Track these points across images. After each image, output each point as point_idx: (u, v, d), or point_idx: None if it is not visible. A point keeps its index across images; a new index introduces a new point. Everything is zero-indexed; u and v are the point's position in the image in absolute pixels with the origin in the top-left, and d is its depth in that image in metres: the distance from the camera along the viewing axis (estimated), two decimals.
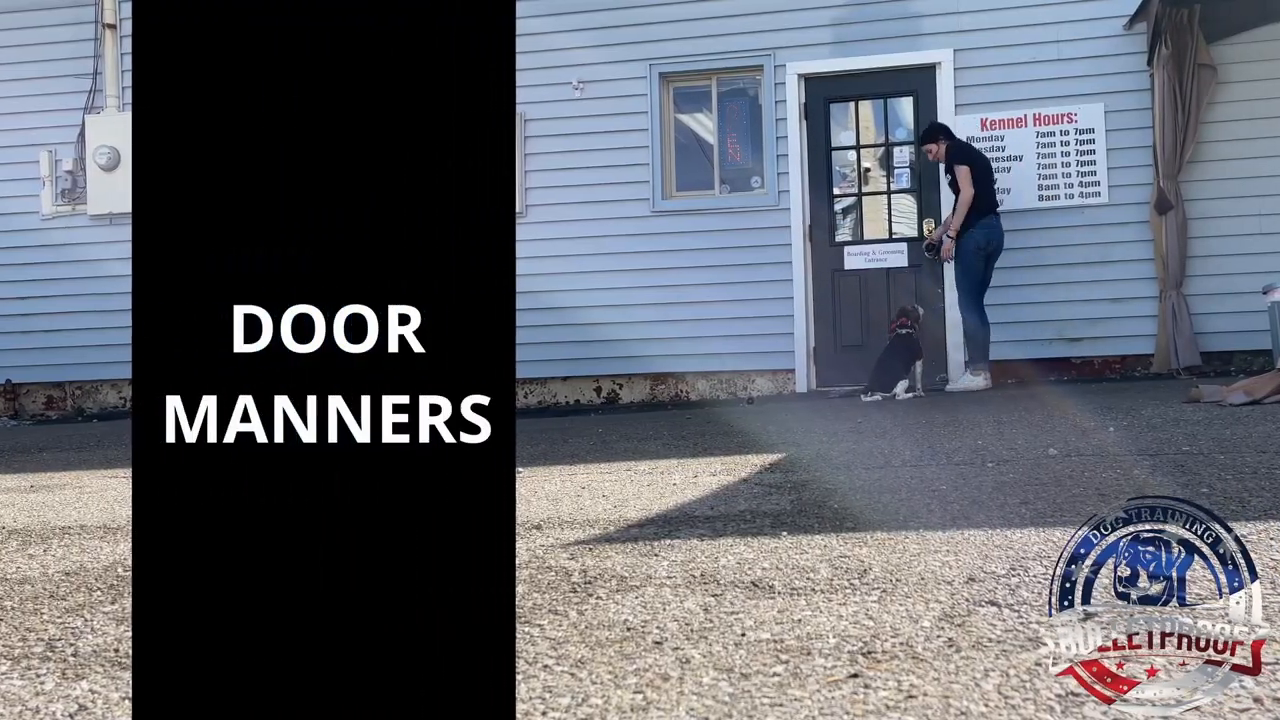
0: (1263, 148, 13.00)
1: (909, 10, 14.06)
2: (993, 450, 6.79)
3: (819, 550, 3.93)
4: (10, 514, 5.86)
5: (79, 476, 7.62)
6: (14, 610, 3.48)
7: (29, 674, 2.76)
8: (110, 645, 2.98)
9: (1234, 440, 6.49)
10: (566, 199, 14.74)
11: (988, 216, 12.76)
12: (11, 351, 15.56)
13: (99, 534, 4.99)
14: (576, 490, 6.13)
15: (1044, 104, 13.67)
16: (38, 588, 3.82)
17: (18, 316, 15.58)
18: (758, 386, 14.40)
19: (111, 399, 15.57)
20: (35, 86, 15.63)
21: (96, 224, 15.26)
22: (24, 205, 15.58)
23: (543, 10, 14.52)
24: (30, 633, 3.18)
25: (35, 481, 7.46)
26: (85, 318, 15.18)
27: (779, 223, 13.77)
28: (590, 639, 2.90)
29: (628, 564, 3.88)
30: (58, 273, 15.35)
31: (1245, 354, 13.05)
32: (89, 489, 6.81)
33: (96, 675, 2.71)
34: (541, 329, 13.92)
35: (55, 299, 15.42)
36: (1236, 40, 13.29)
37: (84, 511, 5.78)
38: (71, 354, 15.41)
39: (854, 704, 2.30)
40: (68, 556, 4.42)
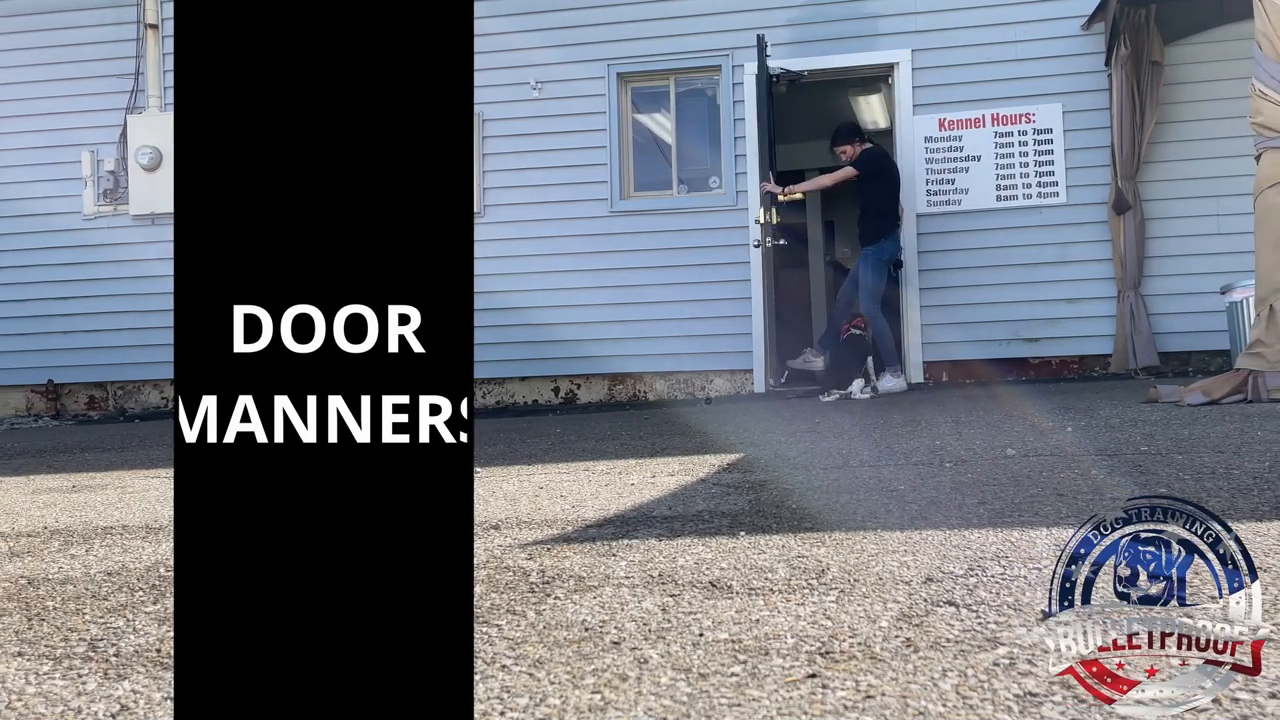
0: (1221, 148, 13.07)
1: (867, 11, 14.11)
2: (951, 450, 6.80)
3: (777, 550, 3.94)
4: (52, 514, 5.84)
5: (121, 476, 7.60)
6: (56, 610, 3.47)
7: (71, 674, 2.74)
8: (152, 645, 2.97)
9: (1192, 440, 6.52)
10: (524, 199, 14.77)
11: (897, 231, 13.01)
12: (54, 351, 15.63)
13: (141, 534, 4.96)
14: (534, 490, 6.12)
15: (1002, 104, 13.73)
16: (79, 588, 3.80)
17: (60, 316, 15.63)
18: (716, 387, 14.42)
19: (153, 399, 15.59)
20: (77, 87, 15.69)
21: (138, 224, 15.34)
22: (66, 205, 15.63)
23: (501, 10, 14.56)
24: (72, 633, 3.16)
25: (77, 481, 7.42)
26: (127, 318, 15.25)
27: (737, 223, 13.78)
28: (548, 639, 2.90)
29: (586, 564, 3.88)
30: (99, 273, 15.42)
31: (1203, 354, 13.13)
32: (131, 489, 6.78)
33: (138, 675, 2.70)
34: (499, 329, 13.96)
35: (97, 299, 15.48)
36: (1194, 40, 13.38)
37: (126, 511, 5.76)
38: (113, 354, 15.47)
39: (812, 704, 2.30)
40: (110, 556, 4.39)
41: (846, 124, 13.55)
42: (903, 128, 14.12)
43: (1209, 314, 12.64)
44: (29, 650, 2.99)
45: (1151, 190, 13.40)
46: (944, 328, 13.76)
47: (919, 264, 13.82)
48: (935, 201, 13.83)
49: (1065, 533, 3.95)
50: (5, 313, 15.74)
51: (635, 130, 15.01)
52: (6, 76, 15.85)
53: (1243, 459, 5.62)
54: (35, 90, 15.75)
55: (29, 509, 6.11)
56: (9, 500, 6.59)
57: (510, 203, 14.80)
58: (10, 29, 15.90)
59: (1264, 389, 8.63)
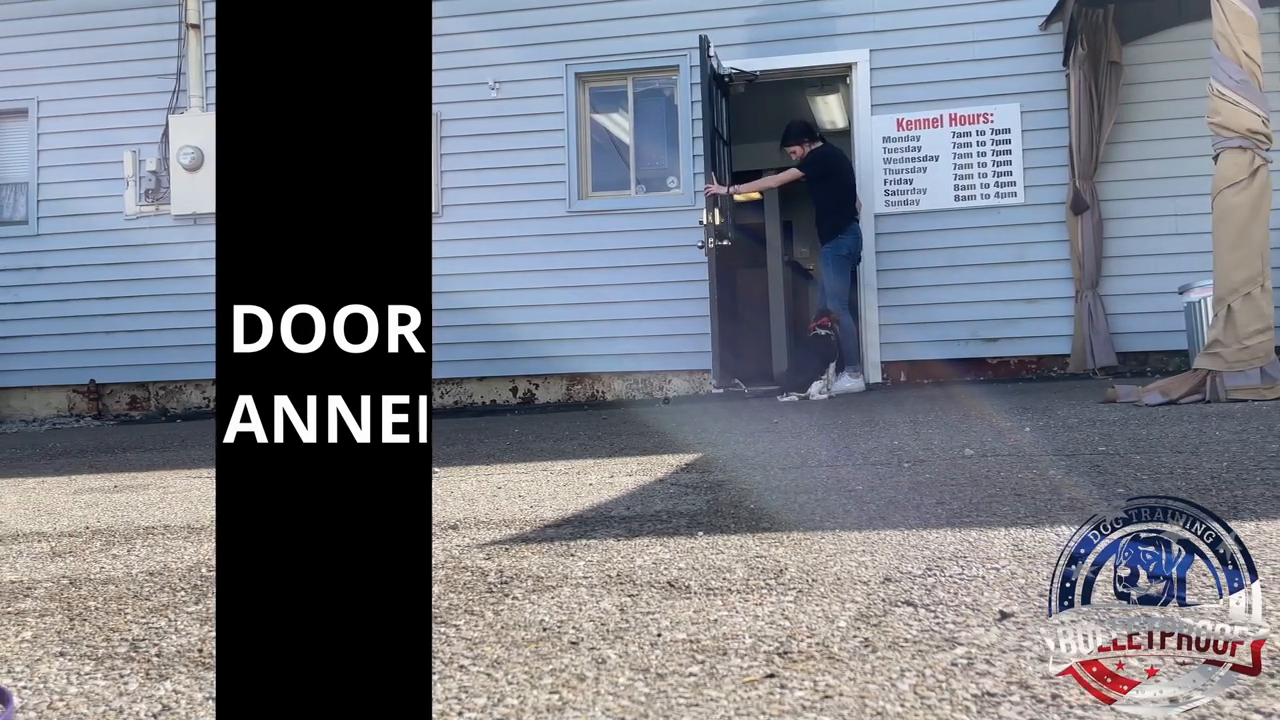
0: (1178, 148, 13.13)
1: (824, 10, 14.14)
2: (909, 450, 6.81)
3: (735, 550, 3.94)
4: (94, 514, 5.81)
5: (162, 476, 7.57)
6: (98, 610, 3.45)
7: (113, 674, 2.73)
8: (194, 645, 2.95)
9: (1150, 440, 6.54)
10: (482, 199, 14.77)
11: (854, 223, 12.97)
12: (96, 352, 15.63)
13: (182, 534, 4.94)
14: (492, 490, 6.12)
15: (960, 104, 13.77)
16: (121, 588, 3.78)
17: (102, 316, 15.63)
18: (674, 386, 14.43)
19: (195, 399, 15.60)
20: (119, 87, 15.70)
21: (180, 224, 15.32)
22: (108, 205, 15.63)
23: (459, 10, 14.55)
24: (114, 633, 3.15)
25: (119, 481, 7.39)
26: (168, 318, 15.27)
27: (694, 223, 13.76)
28: (506, 639, 2.89)
29: (544, 564, 3.87)
30: (141, 273, 15.42)
31: (1161, 354, 13.19)
32: (172, 489, 6.75)
33: (180, 675, 2.69)
34: (457, 329, 13.98)
35: (139, 299, 15.48)
36: (1152, 40, 13.44)
37: (167, 511, 5.73)
38: (155, 354, 15.48)
39: (770, 704, 2.30)
40: (151, 556, 4.37)
41: (797, 123, 13.53)
42: (861, 128, 14.15)
43: (1167, 314, 12.69)
44: (71, 650, 2.98)
45: (1109, 190, 13.45)
46: (902, 328, 13.79)
47: (877, 264, 13.85)
48: (893, 202, 13.86)
49: (1024, 533, 3.96)
50: (48, 313, 15.77)
51: (593, 130, 15.02)
52: (49, 76, 15.90)
53: (1201, 459, 5.64)
54: (78, 90, 15.79)
55: (71, 509, 6.10)
56: (51, 500, 6.58)
57: (468, 203, 14.80)
58: (53, 29, 15.92)
59: (1222, 389, 8.66)
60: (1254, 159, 8.71)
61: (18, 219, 16.14)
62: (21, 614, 3.47)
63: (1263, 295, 8.68)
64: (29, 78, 15.92)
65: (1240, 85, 8.71)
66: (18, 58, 15.97)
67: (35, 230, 15.88)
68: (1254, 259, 8.70)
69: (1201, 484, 4.84)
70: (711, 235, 13.13)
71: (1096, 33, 13.03)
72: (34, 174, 15.92)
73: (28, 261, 15.84)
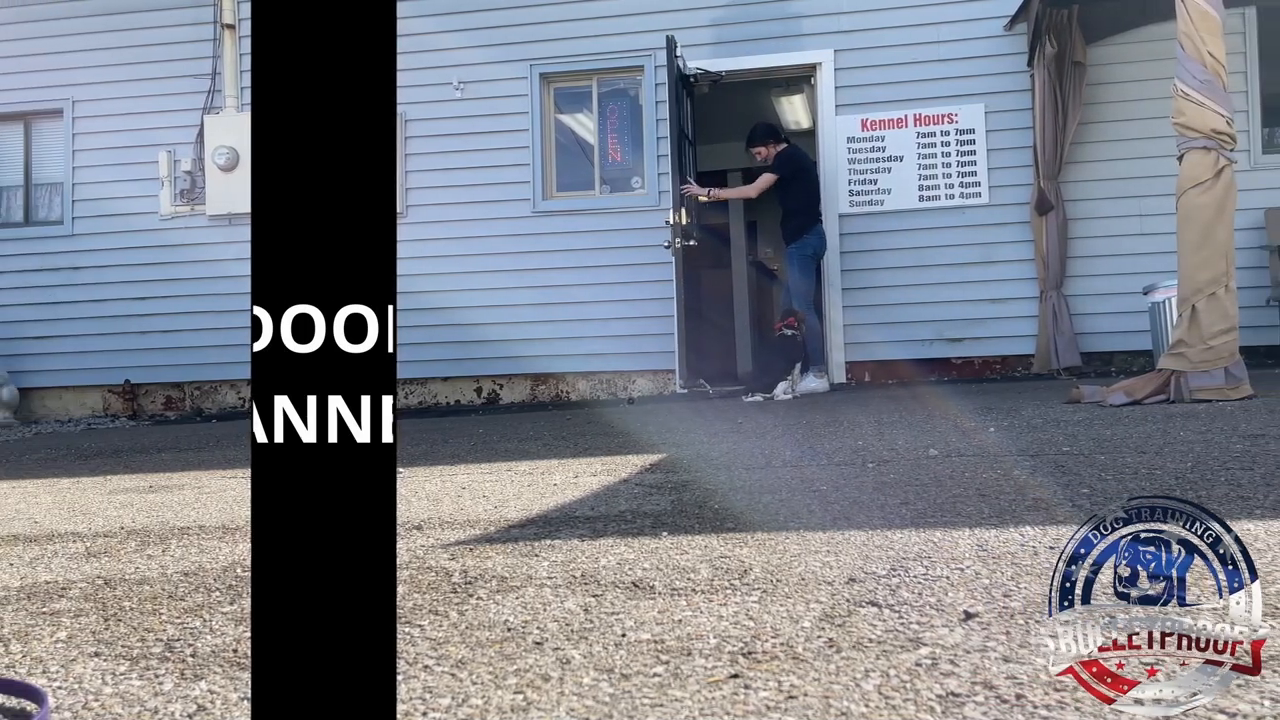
0: (1143, 148, 13.19)
1: (789, 11, 14.16)
2: (873, 450, 6.82)
3: (699, 551, 3.94)
4: (129, 514, 5.78)
5: (197, 477, 7.54)
6: (133, 611, 3.43)
7: (148, 674, 2.71)
8: (229, 646, 2.94)
9: (1114, 441, 6.56)
10: (447, 199, 14.79)
11: (819, 224, 13.03)
12: (131, 352, 15.65)
13: (217, 534, 4.92)
14: (457, 490, 6.11)
15: (925, 104, 13.80)
16: (156, 588, 3.76)
17: (137, 317, 15.64)
18: (638, 387, 14.43)
19: (230, 399, 15.59)
20: (154, 87, 15.70)
21: (215, 224, 15.33)
22: (143, 206, 15.63)
23: (424, 10, 14.56)
24: (149, 633, 3.13)
25: (154, 482, 7.36)
26: (204, 318, 15.29)
27: (659, 223, 13.77)
28: (471, 639, 2.88)
29: (508, 564, 3.87)
30: (176, 273, 15.43)
31: (1126, 354, 13.24)
32: (207, 489, 6.72)
33: (215, 675, 2.67)
34: (422, 329, 14.00)
35: (174, 299, 15.49)
36: (1117, 41, 13.48)
37: (202, 512, 5.71)
38: (190, 354, 15.49)
39: (734, 704, 2.30)
40: (186, 557, 4.35)
41: (762, 124, 13.56)
42: (825, 128, 14.16)
43: (1132, 314, 12.76)
44: (106, 650, 2.97)
45: (1074, 190, 13.49)
46: (867, 328, 13.82)
47: (841, 264, 13.88)
48: (858, 202, 13.89)
49: (988, 533, 3.97)
50: (83, 313, 15.77)
51: (558, 130, 15.02)
52: (85, 77, 15.91)
53: (1165, 459, 5.66)
54: (113, 90, 15.81)
55: (106, 509, 6.08)
56: (86, 500, 6.56)
57: (433, 203, 14.82)
58: (88, 29, 15.93)
59: (1186, 389, 8.69)
60: (1218, 159, 8.74)
61: (53, 219, 16.20)
62: (56, 614, 3.46)
63: (1227, 296, 8.70)
64: (64, 78, 15.95)
65: (1205, 85, 8.74)
66: (53, 58, 16.00)
67: (70, 230, 15.91)
68: (1218, 259, 8.72)
69: (1166, 484, 4.86)
70: (678, 235, 13.13)
71: (1061, 33, 13.06)
72: (69, 174, 15.96)
73: (63, 262, 15.86)
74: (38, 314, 15.78)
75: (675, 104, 13.34)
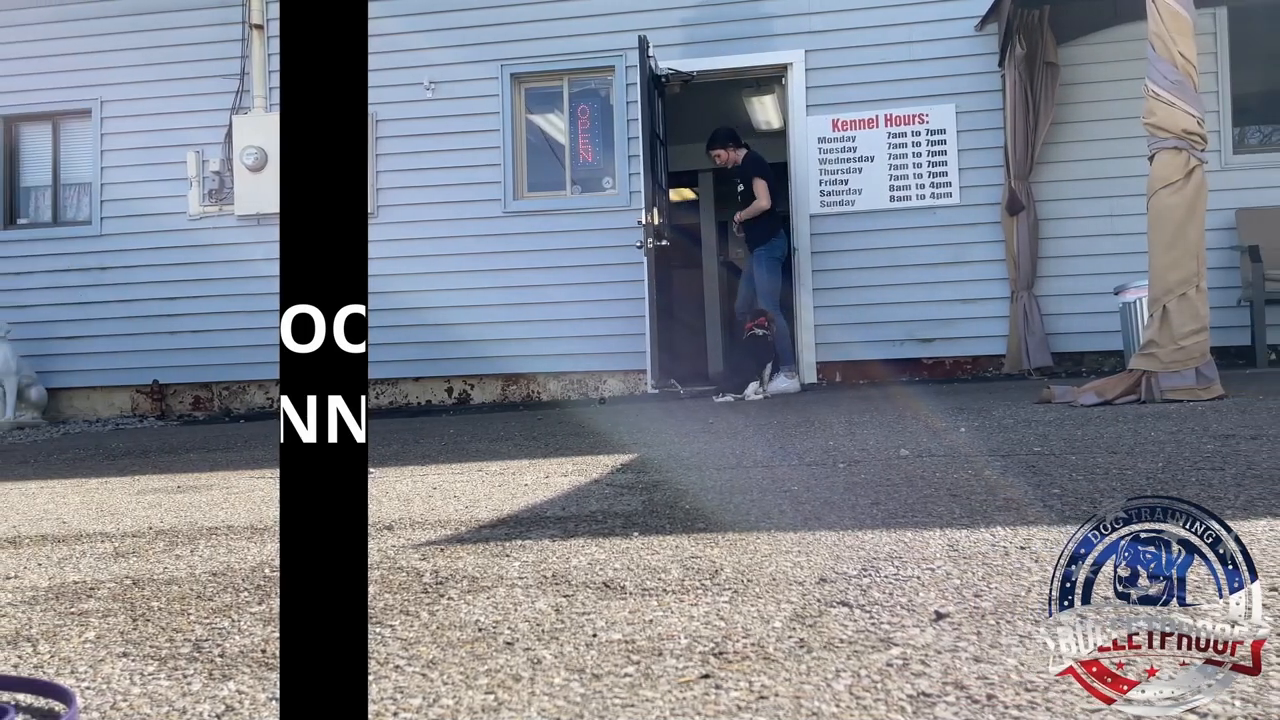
0: (1114, 148, 13.23)
1: (760, 11, 14.18)
2: (845, 451, 6.83)
3: (671, 551, 3.93)
4: (157, 514, 5.77)
5: (226, 477, 7.51)
6: (161, 611, 3.42)
7: (176, 674, 2.70)
8: (257, 646, 2.92)
9: (1085, 441, 6.57)
10: (418, 199, 14.79)
11: (784, 226, 13.25)
12: (159, 352, 15.62)
13: (245, 534, 4.90)
14: (428, 491, 6.10)
15: (896, 104, 13.83)
16: (184, 588, 3.75)
17: (165, 317, 15.61)
18: (609, 387, 14.44)
19: (258, 399, 15.56)
20: (182, 87, 15.67)
21: (243, 224, 15.30)
22: (171, 206, 15.61)
23: (395, 10, 14.57)
24: (177, 633, 3.11)
25: (182, 482, 7.34)
26: (232, 318, 15.27)
27: (630, 223, 13.77)
28: (442, 639, 2.88)
29: (479, 565, 3.87)
30: (205, 273, 15.41)
31: (1096, 354, 13.28)
32: (236, 489, 6.70)
33: (243, 676, 2.66)
34: (393, 329, 14.01)
35: (202, 299, 15.47)
36: (1088, 41, 13.52)
37: (231, 512, 5.69)
38: (218, 354, 15.47)
39: (705, 704, 2.29)
40: (214, 557, 4.33)
41: (723, 129, 13.63)
42: (796, 128, 14.18)
43: (1103, 314, 12.79)
44: (134, 651, 2.96)
45: (1045, 191, 13.53)
46: (838, 328, 13.84)
47: (812, 264, 13.89)
48: (829, 202, 13.90)
49: (959, 533, 3.98)
50: (111, 313, 15.75)
51: (529, 131, 15.03)
52: (113, 77, 15.90)
53: (1136, 459, 5.67)
54: (141, 90, 15.79)
55: (134, 509, 6.06)
56: (114, 501, 6.53)
57: (404, 203, 14.83)
58: (116, 29, 15.91)
59: (1157, 389, 8.71)
60: (1189, 159, 8.76)
61: (81, 219, 16.19)
62: (85, 614, 3.45)
63: (1198, 296, 8.72)
64: (92, 78, 15.94)
65: (1175, 86, 8.76)
66: (81, 58, 16.00)
67: (99, 231, 15.89)
68: (1189, 259, 8.74)
69: (1137, 484, 4.87)
70: (650, 235, 13.13)
71: (1032, 33, 13.10)
72: (97, 174, 15.95)
73: (91, 262, 15.84)
74: (66, 314, 15.80)
75: (647, 104, 13.33)
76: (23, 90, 16.10)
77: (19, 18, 16.12)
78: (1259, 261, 12.44)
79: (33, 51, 16.05)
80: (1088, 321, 13.31)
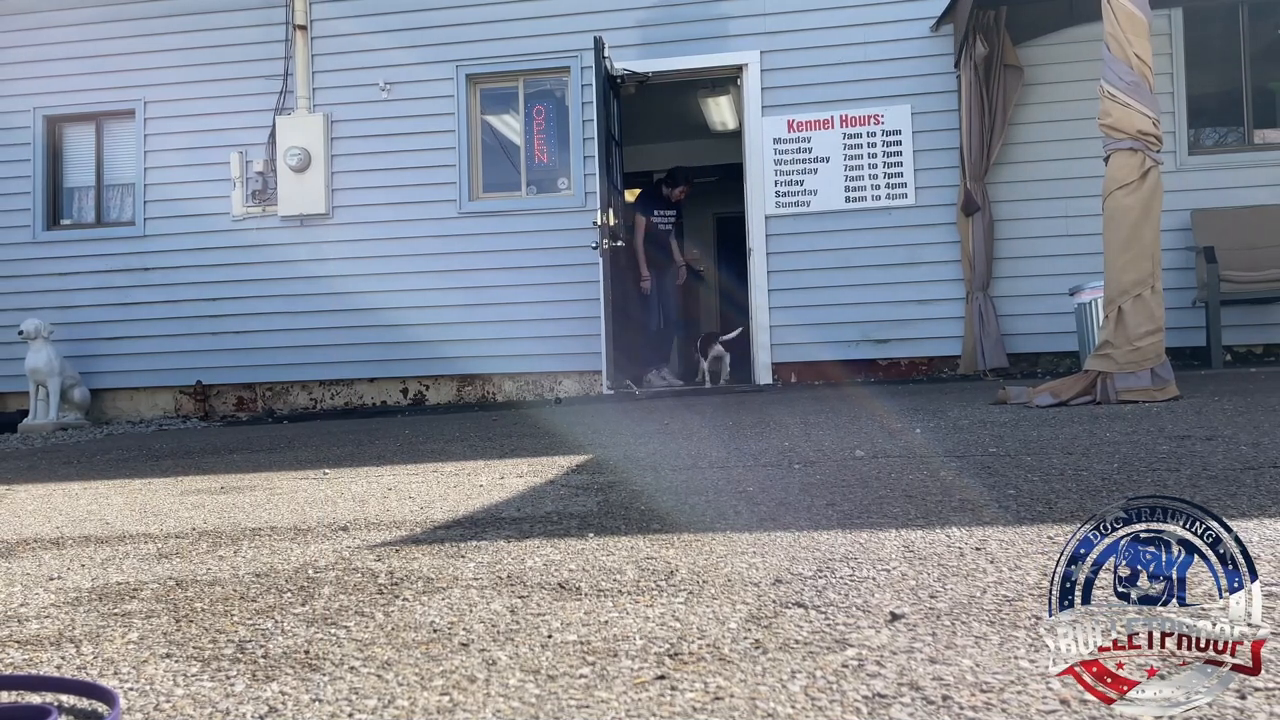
0: (1070, 149, 13.32)
1: (716, 12, 14.22)
2: (800, 451, 6.83)
3: (626, 552, 3.93)
4: (200, 515, 5.73)
5: (269, 478, 7.45)
6: (204, 612, 3.39)
7: (219, 675, 2.68)
8: (300, 647, 2.89)
9: (1041, 442, 6.58)
10: (374, 200, 14.83)
11: None
12: (202, 353, 15.62)
13: (289, 535, 4.86)
14: (383, 492, 6.10)
15: (851, 105, 13.88)
16: (227, 589, 3.72)
17: (208, 318, 15.60)
18: (565, 388, 14.46)
19: (301, 400, 15.51)
20: (225, 88, 15.70)
21: (287, 225, 15.27)
22: (215, 206, 15.62)
23: (350, 11, 14.59)
24: (220, 634, 3.09)
25: (225, 483, 7.28)
26: (275, 319, 15.24)
27: (585, 224, 13.81)
28: (397, 640, 2.87)
29: (434, 565, 3.86)
30: (248, 274, 15.41)
31: (1052, 355, 13.36)
32: (279, 490, 6.64)
33: (287, 677, 2.64)
34: (348, 330, 14.04)
35: (245, 300, 15.46)
36: (1043, 41, 13.60)
37: (274, 513, 5.64)
38: (262, 355, 15.43)
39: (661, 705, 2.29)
40: (258, 558, 4.30)
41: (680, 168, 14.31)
42: (751, 129, 14.21)
43: (1058, 315, 12.87)
44: (177, 652, 2.94)
45: (1001, 191, 13.59)
46: (793, 329, 13.88)
47: (768, 265, 13.93)
48: (784, 203, 13.93)
49: (914, 534, 3.98)
50: (154, 314, 15.76)
51: (484, 131, 15.03)
52: (156, 78, 15.91)
53: (1091, 460, 5.69)
54: (184, 91, 15.81)
55: (177, 510, 6.03)
56: (157, 501, 6.50)
57: (359, 204, 14.85)
58: (160, 30, 15.91)
59: (1113, 390, 8.74)
60: (1145, 160, 8.79)
61: (124, 220, 16.21)
62: (128, 615, 3.43)
63: (1153, 297, 8.76)
64: (136, 79, 15.95)
65: (1131, 87, 8.79)
66: (124, 59, 16.01)
67: (142, 231, 15.90)
68: (1145, 260, 8.77)
69: (1093, 485, 4.88)
70: (605, 236, 13.13)
71: (988, 34, 13.14)
72: (140, 175, 15.97)
73: (135, 263, 15.85)
74: (109, 315, 15.83)
75: (603, 105, 13.35)
76: (66, 91, 16.16)
77: (63, 18, 16.16)
78: (1214, 263, 12.51)
79: (76, 53, 16.11)
80: (1043, 322, 13.37)
